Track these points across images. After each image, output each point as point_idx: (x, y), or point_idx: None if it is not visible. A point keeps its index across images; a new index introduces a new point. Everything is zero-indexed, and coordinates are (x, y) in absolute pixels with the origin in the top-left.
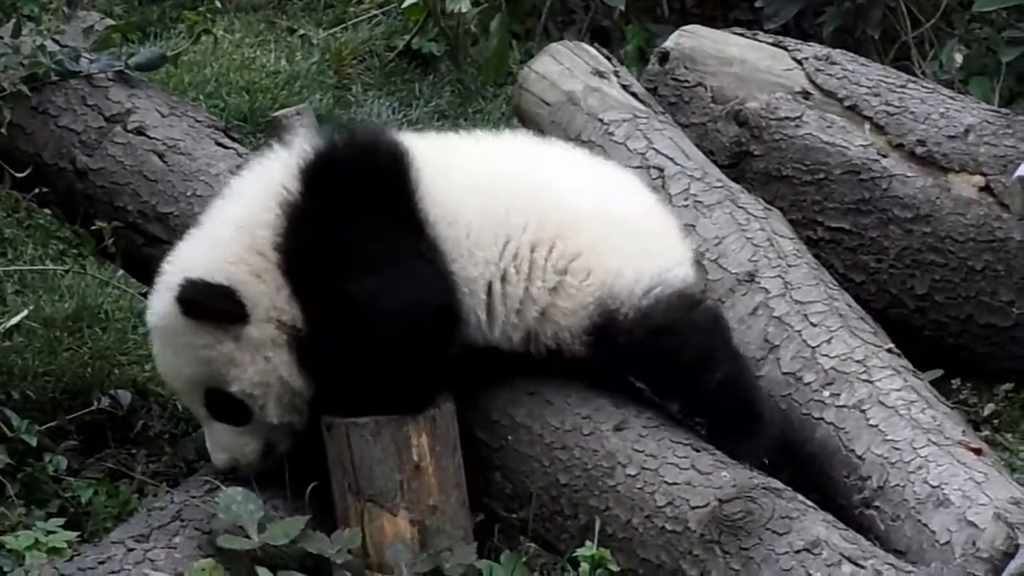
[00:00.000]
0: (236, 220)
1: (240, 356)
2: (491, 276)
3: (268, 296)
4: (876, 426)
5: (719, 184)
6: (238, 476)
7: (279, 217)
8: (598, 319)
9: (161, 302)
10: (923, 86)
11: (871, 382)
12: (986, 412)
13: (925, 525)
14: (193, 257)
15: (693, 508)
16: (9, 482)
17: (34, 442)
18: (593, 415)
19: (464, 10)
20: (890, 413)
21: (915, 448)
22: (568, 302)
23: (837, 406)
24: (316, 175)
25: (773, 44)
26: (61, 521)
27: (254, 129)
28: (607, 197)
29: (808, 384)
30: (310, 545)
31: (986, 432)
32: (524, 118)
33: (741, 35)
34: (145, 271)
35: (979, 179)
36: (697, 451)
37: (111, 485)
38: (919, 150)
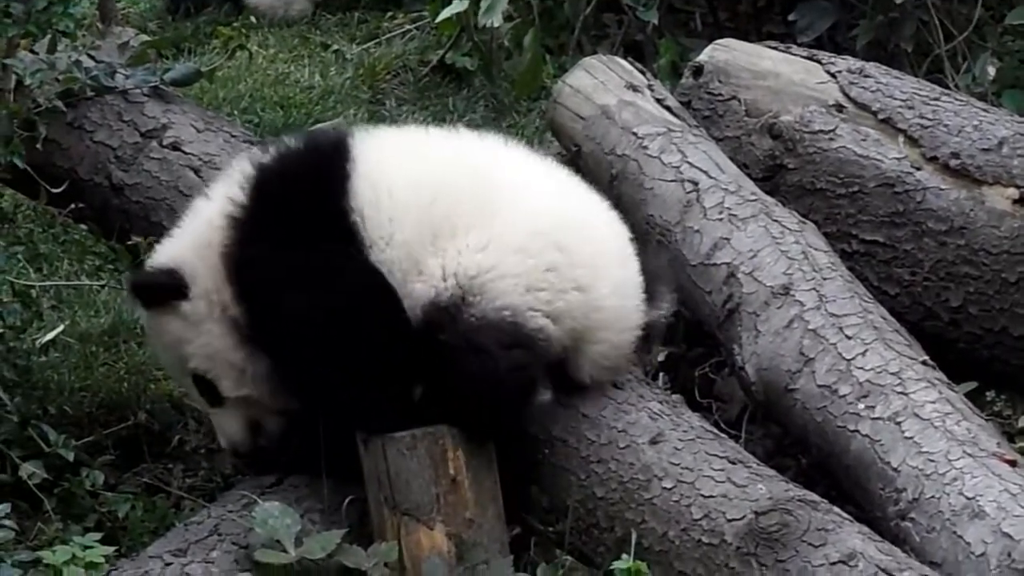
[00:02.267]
0: (193, 225)
1: (187, 333)
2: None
3: (209, 278)
4: (911, 438)
5: (753, 197)
6: (275, 489)
7: (225, 227)
8: (442, 302)
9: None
10: (956, 99)
11: (906, 394)
12: (1020, 424)
13: (960, 537)
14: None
15: (729, 521)
16: (46, 497)
17: (71, 457)
18: (629, 428)
19: (497, 25)
20: (925, 425)
21: (950, 460)
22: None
23: (872, 418)
24: (257, 184)
25: (807, 57)
26: (98, 536)
27: None
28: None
29: (843, 397)
30: (347, 559)
31: (1021, 444)
32: (558, 132)
33: (775, 48)
34: None
35: (1013, 191)
36: (733, 464)
37: (148, 500)
38: (953, 163)
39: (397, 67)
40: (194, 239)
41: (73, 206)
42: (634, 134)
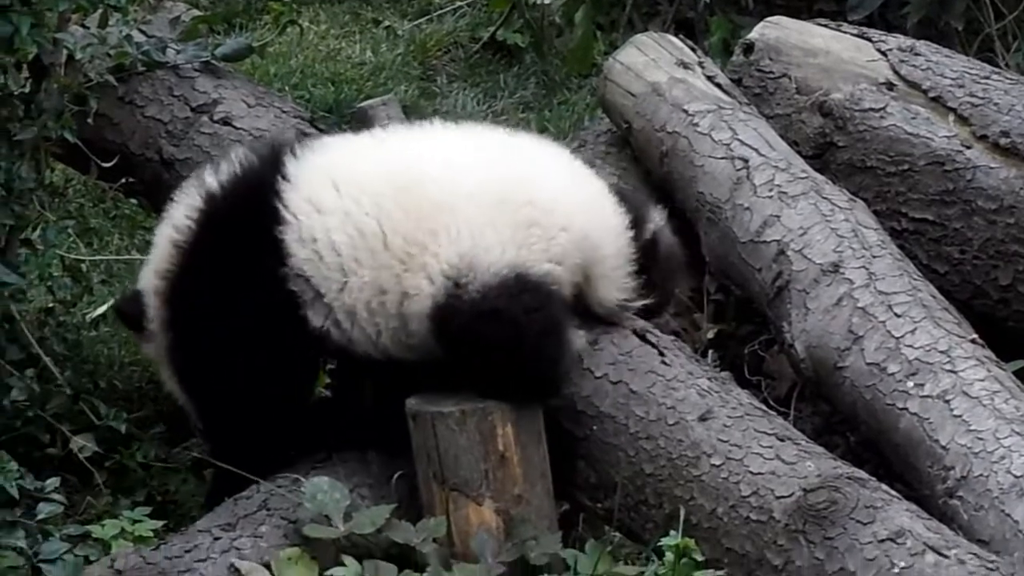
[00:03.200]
0: (157, 248)
1: (156, 359)
2: (369, 296)
3: (157, 312)
4: (960, 416)
5: (804, 175)
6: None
7: (171, 254)
8: (442, 301)
9: None
10: (1007, 77)
11: (955, 372)
12: None
13: (1008, 515)
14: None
15: (778, 498)
16: (97, 471)
17: (122, 429)
18: (678, 405)
19: (548, 1)
20: (974, 403)
21: (998, 438)
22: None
23: (921, 396)
24: (196, 215)
25: (857, 35)
26: (148, 510)
27: (340, 120)
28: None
29: (892, 375)
30: (396, 534)
31: None
32: (609, 109)
33: (825, 26)
34: None
35: None
36: (782, 440)
37: (198, 474)
38: (1003, 141)
39: (448, 44)
40: (155, 264)
41: (124, 181)
42: (684, 111)
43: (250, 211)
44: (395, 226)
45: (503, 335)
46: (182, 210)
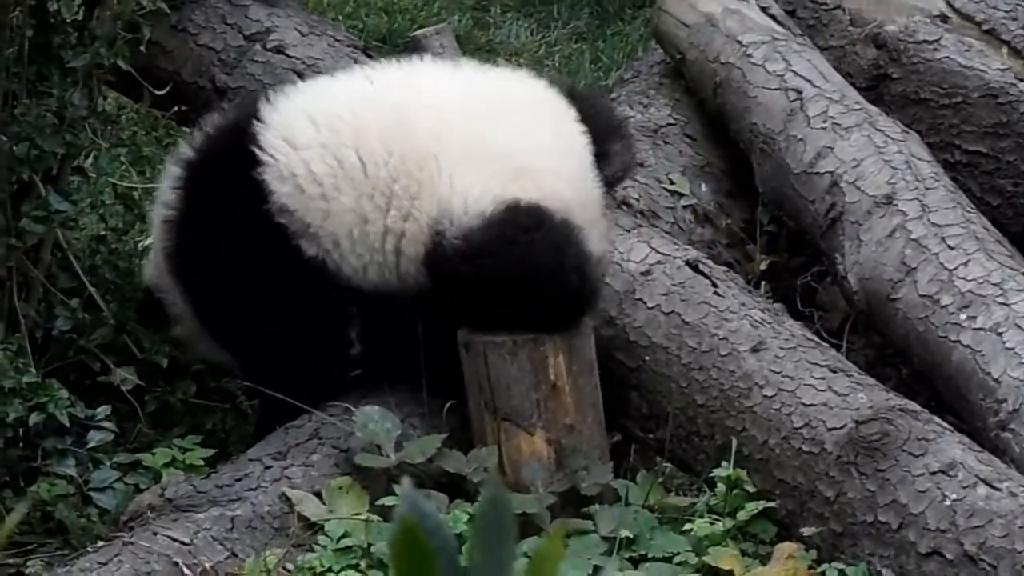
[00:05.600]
0: (154, 225)
1: (194, 341)
2: (351, 223)
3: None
4: (1012, 349)
5: (857, 107)
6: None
7: (165, 230)
8: (430, 245)
9: None
10: None
11: (1008, 305)
12: None
13: None
14: None
15: (830, 429)
16: (139, 404)
17: (164, 364)
18: (730, 336)
19: None
20: None
21: None
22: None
23: (974, 329)
24: (179, 183)
25: None
26: (198, 439)
27: (393, 49)
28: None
29: (945, 307)
30: (447, 463)
31: None
32: (662, 40)
33: None
34: None
35: None
36: (834, 372)
37: (238, 411)
38: None
39: None
40: (154, 249)
41: (176, 109)
42: (738, 42)
43: (228, 162)
44: (375, 159)
45: (507, 262)
46: (166, 186)
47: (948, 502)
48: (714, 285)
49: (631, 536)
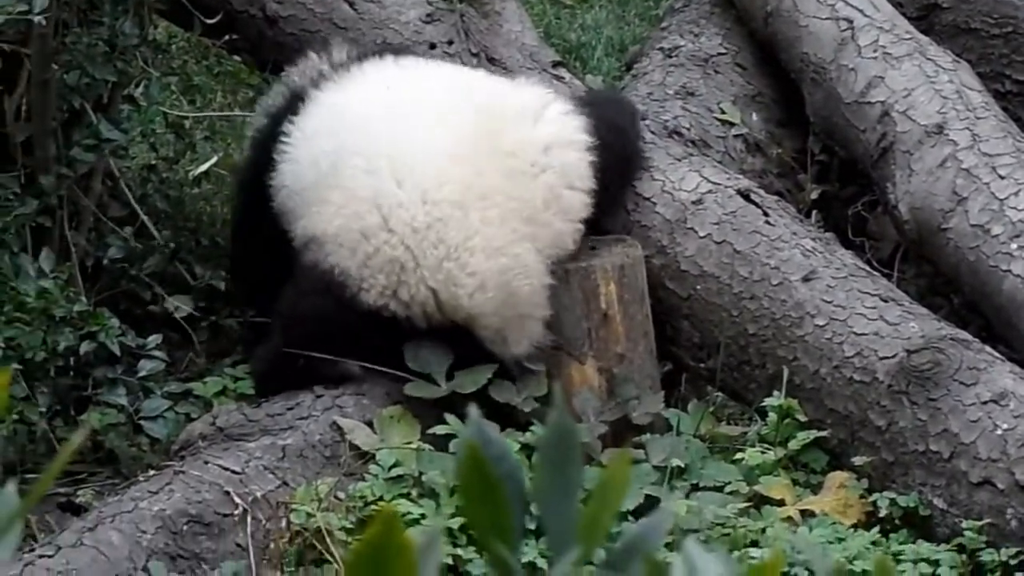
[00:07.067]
0: None
1: None
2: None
3: None
4: None
5: (908, 36)
6: None
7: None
8: None
9: None
10: None
11: None
12: None
13: None
14: None
15: (881, 359)
16: (194, 331)
17: (221, 287)
18: (782, 266)
19: None
20: None
21: None
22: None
23: None
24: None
25: None
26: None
27: None
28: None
29: (996, 236)
30: (497, 394)
31: None
32: None
33: None
34: None
35: None
36: (885, 302)
37: None
38: None
39: None
40: None
41: (227, 37)
42: None
43: (270, 136)
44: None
45: None
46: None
47: (999, 432)
48: (765, 214)
49: (682, 466)
